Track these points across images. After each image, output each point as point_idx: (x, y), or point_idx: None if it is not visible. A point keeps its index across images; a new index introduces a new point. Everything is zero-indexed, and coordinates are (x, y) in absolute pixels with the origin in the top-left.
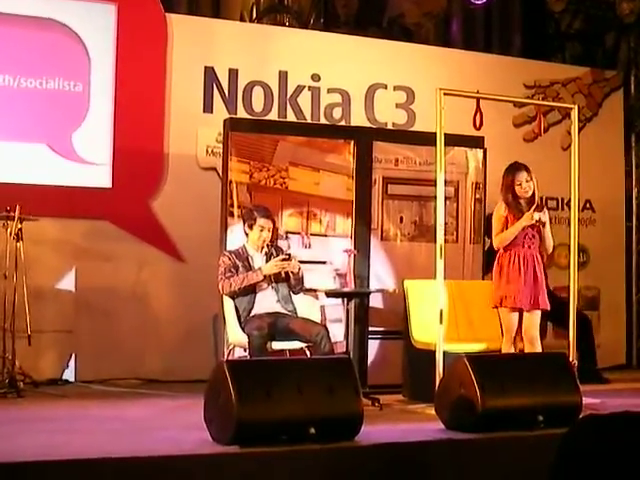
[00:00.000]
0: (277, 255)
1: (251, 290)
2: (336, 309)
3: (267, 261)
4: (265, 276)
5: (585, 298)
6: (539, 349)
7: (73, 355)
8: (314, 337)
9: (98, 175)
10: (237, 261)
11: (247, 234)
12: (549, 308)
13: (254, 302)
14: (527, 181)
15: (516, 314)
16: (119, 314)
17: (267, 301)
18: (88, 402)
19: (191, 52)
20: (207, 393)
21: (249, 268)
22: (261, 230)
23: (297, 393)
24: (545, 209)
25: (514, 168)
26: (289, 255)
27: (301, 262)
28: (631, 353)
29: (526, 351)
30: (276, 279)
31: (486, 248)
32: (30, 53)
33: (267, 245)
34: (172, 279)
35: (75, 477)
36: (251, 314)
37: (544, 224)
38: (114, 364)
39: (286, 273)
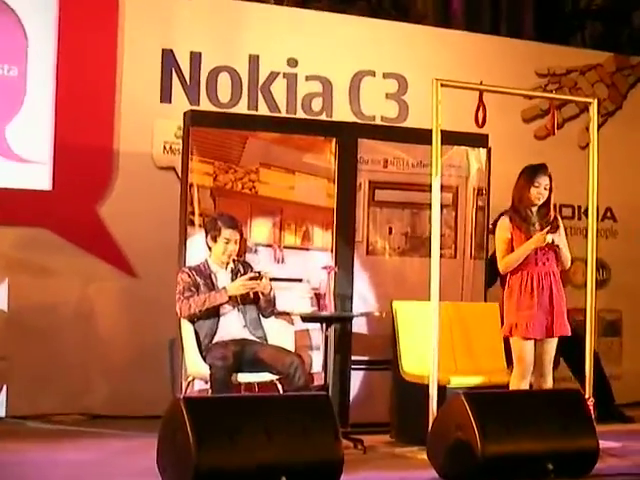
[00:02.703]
0: (245, 272)
1: (214, 313)
2: (313, 335)
3: (233, 279)
4: (230, 297)
5: (605, 322)
6: (550, 383)
7: (4, 386)
8: (286, 368)
9: (36, 175)
10: (198, 278)
11: (210, 247)
12: (570, 333)
13: (217, 327)
14: (545, 188)
15: (530, 343)
16: (59, 338)
17: (232, 326)
18: (20, 443)
19: (146, 33)
20: (161, 434)
21: (212, 287)
22: (226, 243)
23: (265, 436)
24: (561, 228)
25: (536, 169)
26: (259, 273)
27: (273, 280)
28: None
29: (537, 385)
30: (243, 300)
31: (489, 258)
32: None
33: (233, 260)
34: (122, 297)
35: None
36: (214, 341)
37: (558, 246)
38: (53, 397)
39: (255, 294)
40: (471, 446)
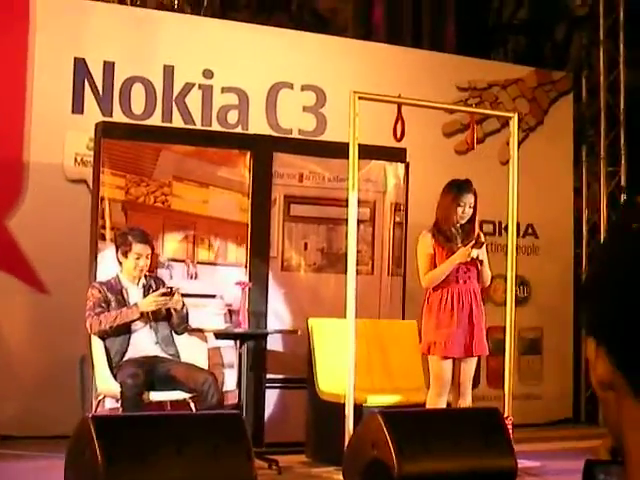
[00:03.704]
0: (157, 288)
1: (125, 330)
2: (227, 352)
3: (145, 295)
4: (142, 313)
5: (526, 340)
6: (470, 402)
7: None
8: (199, 386)
9: None
10: (109, 294)
11: (121, 263)
12: (488, 353)
13: (128, 344)
14: (470, 206)
15: (449, 362)
16: None
17: (144, 343)
18: None
19: (58, 40)
20: (69, 453)
21: (123, 303)
22: (137, 258)
23: (177, 455)
24: (484, 244)
25: (460, 186)
26: (171, 289)
27: (186, 296)
28: (579, 405)
29: (455, 404)
30: (155, 317)
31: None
32: None
33: (145, 276)
34: (31, 313)
35: None
36: (125, 358)
37: (482, 262)
38: None
39: (167, 310)
40: (387, 466)
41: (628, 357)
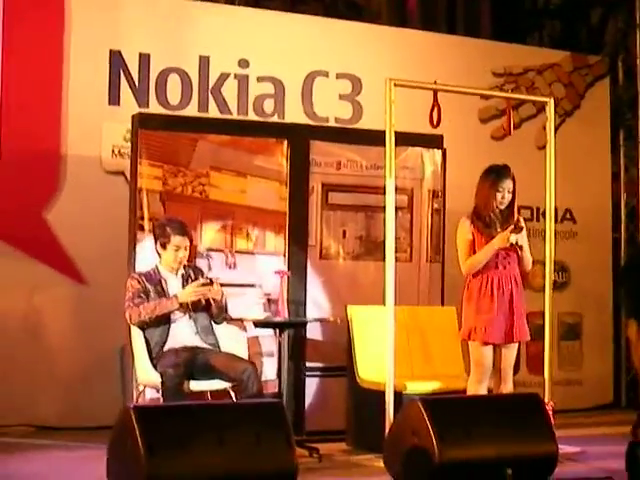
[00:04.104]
0: (196, 278)
1: (165, 320)
2: (267, 341)
3: (184, 285)
4: (181, 304)
5: (565, 325)
6: (511, 388)
7: None
8: (239, 375)
9: None
10: (148, 285)
11: (160, 254)
12: (529, 338)
13: (168, 334)
14: (509, 192)
15: (489, 348)
16: (6, 347)
17: (184, 333)
18: None
19: (94, 33)
20: (111, 444)
21: (162, 293)
22: (176, 250)
23: (218, 444)
24: (523, 229)
25: (499, 172)
26: (210, 279)
27: (225, 285)
28: (619, 390)
29: (497, 390)
30: (194, 307)
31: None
32: None
33: (184, 266)
34: (71, 304)
35: None
36: (165, 348)
37: (521, 247)
38: (1, 408)
39: (206, 300)
40: (428, 452)
41: None
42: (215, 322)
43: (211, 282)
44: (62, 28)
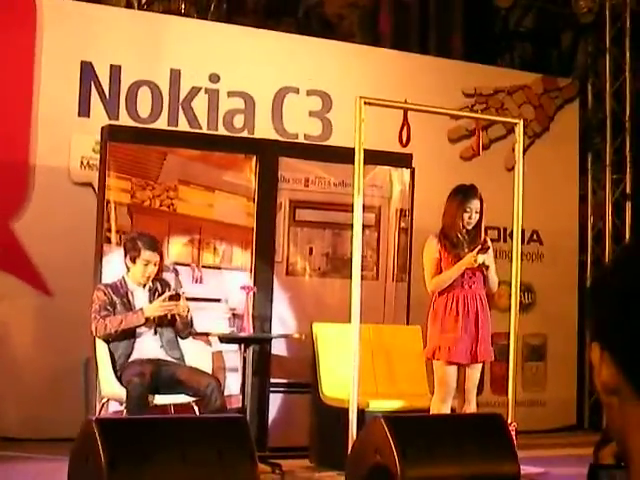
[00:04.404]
0: (163, 291)
1: (130, 333)
2: (231, 356)
3: (151, 297)
4: (147, 319)
5: (530, 347)
6: (474, 408)
7: None
8: (203, 390)
9: None
10: (114, 297)
11: (129, 268)
12: (493, 359)
13: (133, 347)
14: (476, 212)
15: (453, 368)
16: None
17: (149, 347)
18: None
19: (65, 43)
20: (73, 456)
21: (129, 306)
22: (145, 265)
23: (181, 460)
24: (490, 250)
25: (466, 192)
26: (177, 294)
27: (191, 300)
28: (582, 412)
29: (460, 410)
30: (160, 322)
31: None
32: None
33: (152, 280)
34: (35, 315)
35: None
36: (129, 360)
37: (487, 268)
38: None
39: (172, 315)
40: (390, 471)
41: (632, 361)
42: (180, 337)
43: (178, 296)
44: (33, 38)
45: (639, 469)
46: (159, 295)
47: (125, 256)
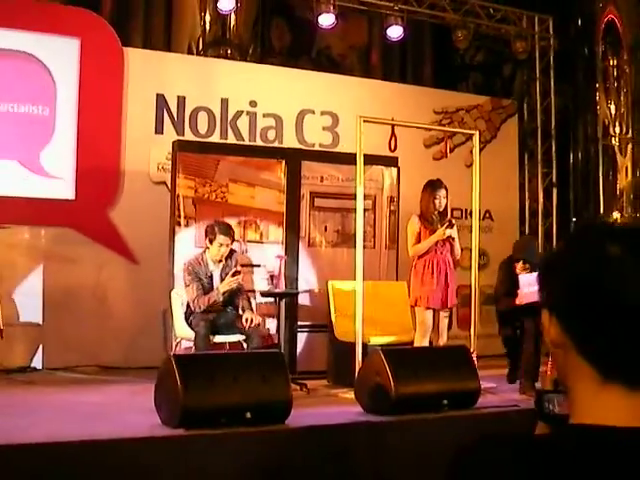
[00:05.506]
0: (229, 259)
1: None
2: (270, 306)
3: (222, 273)
4: (223, 293)
5: (485, 295)
6: (445, 341)
7: (41, 346)
8: (249, 331)
9: (63, 188)
10: (200, 274)
11: (208, 247)
12: (455, 304)
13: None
14: (443, 197)
15: (430, 312)
16: (81, 309)
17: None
18: (53, 388)
19: (145, 81)
20: (157, 382)
21: (211, 285)
22: (220, 246)
23: (234, 382)
24: (455, 227)
25: (434, 185)
26: (238, 271)
27: (241, 266)
28: None
29: (436, 343)
30: (230, 292)
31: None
32: (3, 81)
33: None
34: (127, 279)
35: (35, 460)
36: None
37: (454, 239)
38: (77, 353)
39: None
40: (387, 388)
41: (572, 324)
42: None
43: (239, 272)
44: (122, 77)
45: (577, 401)
46: (228, 270)
47: (205, 238)
